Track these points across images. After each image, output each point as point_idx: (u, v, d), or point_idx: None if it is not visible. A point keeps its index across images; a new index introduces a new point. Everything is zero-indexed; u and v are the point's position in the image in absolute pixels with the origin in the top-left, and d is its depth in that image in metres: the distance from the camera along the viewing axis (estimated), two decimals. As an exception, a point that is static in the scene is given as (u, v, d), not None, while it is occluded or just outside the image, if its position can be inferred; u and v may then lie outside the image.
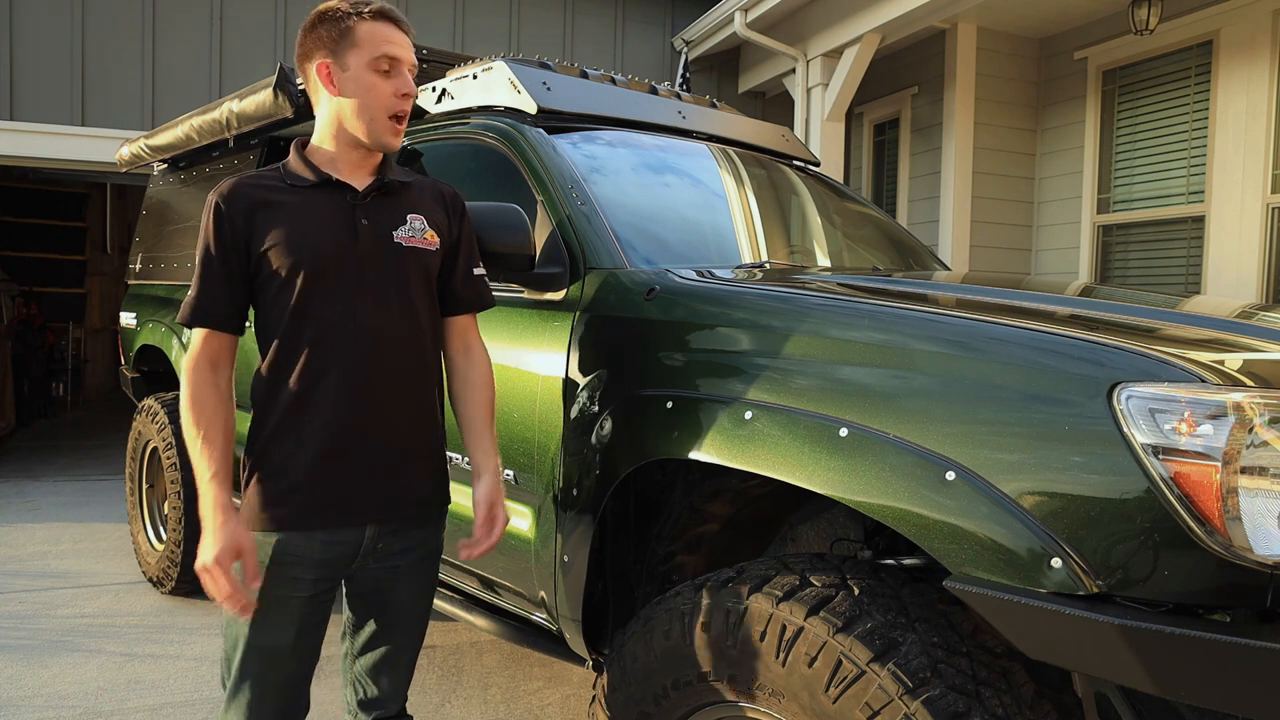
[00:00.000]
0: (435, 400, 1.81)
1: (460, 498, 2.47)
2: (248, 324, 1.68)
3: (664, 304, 1.98)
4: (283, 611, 1.67)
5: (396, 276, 1.71)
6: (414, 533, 1.78)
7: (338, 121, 1.68)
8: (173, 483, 4.00)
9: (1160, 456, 1.24)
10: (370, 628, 1.82)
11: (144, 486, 4.49)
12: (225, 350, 1.65)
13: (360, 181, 1.73)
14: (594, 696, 1.88)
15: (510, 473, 2.26)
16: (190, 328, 1.64)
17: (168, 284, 4.44)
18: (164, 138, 4.45)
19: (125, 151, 4.96)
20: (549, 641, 2.27)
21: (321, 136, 1.71)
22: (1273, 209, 5.41)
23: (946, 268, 3.42)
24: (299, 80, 3.50)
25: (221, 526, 1.55)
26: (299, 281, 1.62)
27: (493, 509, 1.80)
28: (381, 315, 1.68)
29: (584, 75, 3.00)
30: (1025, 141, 7.02)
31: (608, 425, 1.94)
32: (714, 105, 3.43)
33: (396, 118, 1.67)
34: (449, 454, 2.45)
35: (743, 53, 8.21)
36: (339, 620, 1.91)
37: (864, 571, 1.61)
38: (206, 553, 1.54)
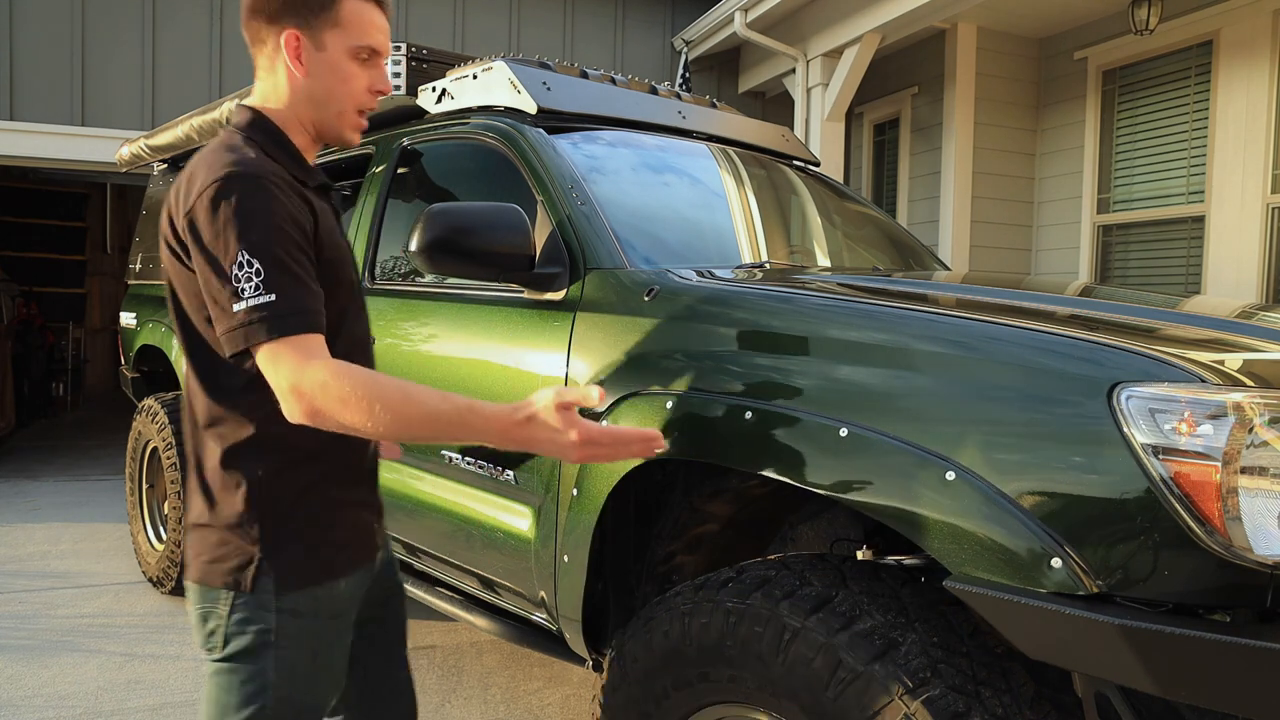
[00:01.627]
0: None
1: (456, 496, 2.48)
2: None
3: (664, 304, 1.98)
4: (345, 657, 1.50)
5: (361, 290, 1.58)
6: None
7: (296, 105, 1.44)
8: (173, 483, 4.00)
9: (1160, 456, 1.24)
10: (367, 667, 1.63)
11: (144, 486, 4.49)
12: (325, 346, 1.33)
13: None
14: (594, 697, 1.88)
15: (510, 473, 2.26)
16: (288, 335, 1.26)
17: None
18: (164, 138, 4.45)
19: (125, 151, 4.96)
20: (549, 641, 2.27)
21: (282, 120, 1.44)
22: (1273, 209, 5.41)
23: (946, 268, 3.42)
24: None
25: (514, 410, 1.30)
26: (334, 301, 1.41)
27: None
28: (368, 334, 1.56)
29: (584, 75, 3.00)
30: (1025, 141, 7.02)
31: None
32: (714, 105, 3.43)
33: (361, 113, 1.47)
34: (448, 454, 2.46)
35: (743, 53, 8.21)
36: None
37: (864, 571, 1.61)
38: (560, 442, 1.30)
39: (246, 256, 1.26)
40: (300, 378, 1.26)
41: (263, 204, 1.29)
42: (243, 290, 1.26)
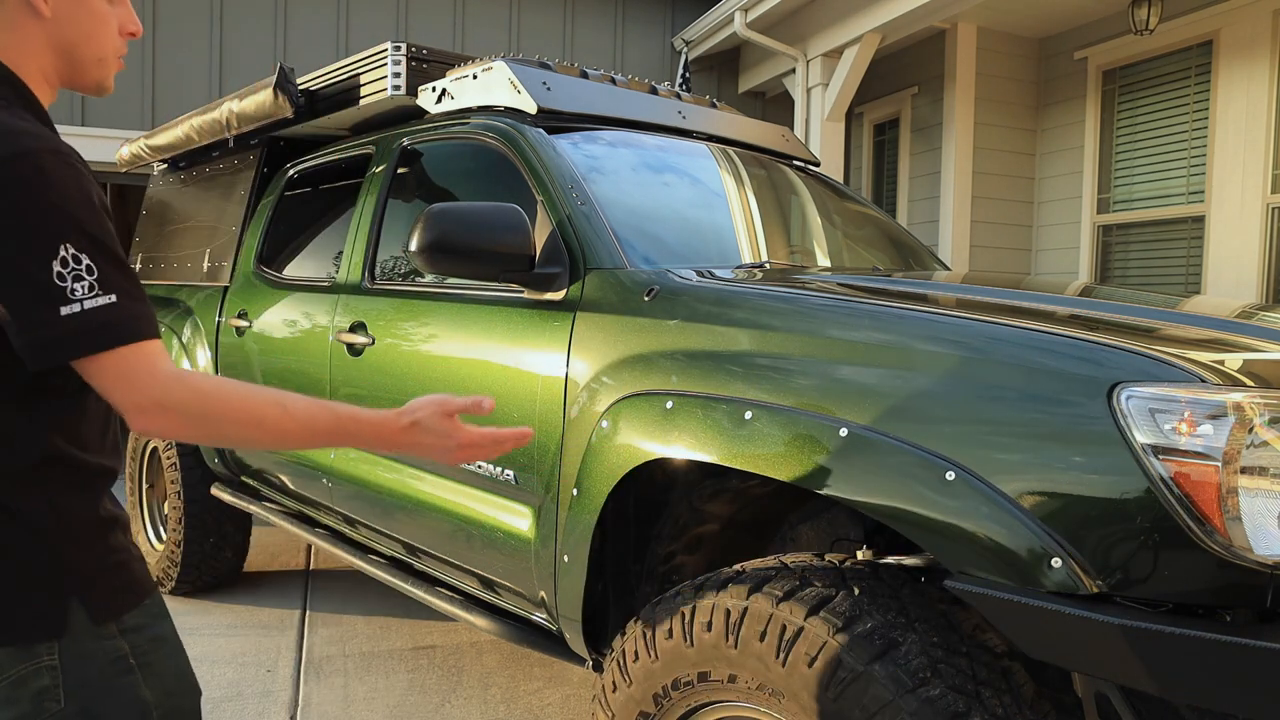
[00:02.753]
0: None
1: (456, 496, 2.48)
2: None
3: (664, 304, 1.98)
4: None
5: None
6: None
7: (36, 54, 1.17)
8: (173, 482, 4.00)
9: (1160, 456, 1.24)
10: None
11: (144, 486, 4.49)
12: None
13: None
14: (594, 697, 1.88)
15: (510, 473, 2.26)
16: (138, 341, 1.09)
17: (168, 284, 4.44)
18: (164, 138, 4.45)
19: (125, 151, 4.97)
20: (549, 641, 2.27)
21: (22, 73, 1.17)
22: (1273, 209, 5.41)
23: (946, 268, 3.42)
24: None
25: (397, 416, 1.25)
26: None
27: None
28: None
29: (584, 75, 3.01)
30: (1025, 141, 7.02)
31: (607, 425, 1.95)
32: (714, 105, 3.43)
33: (118, 59, 1.26)
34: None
35: (743, 53, 8.21)
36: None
37: (864, 571, 1.61)
38: (444, 446, 1.28)
39: (72, 251, 1.04)
40: (159, 391, 1.09)
41: (79, 186, 1.07)
42: (72, 291, 1.04)
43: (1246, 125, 5.47)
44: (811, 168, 3.59)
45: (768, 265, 2.48)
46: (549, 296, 2.22)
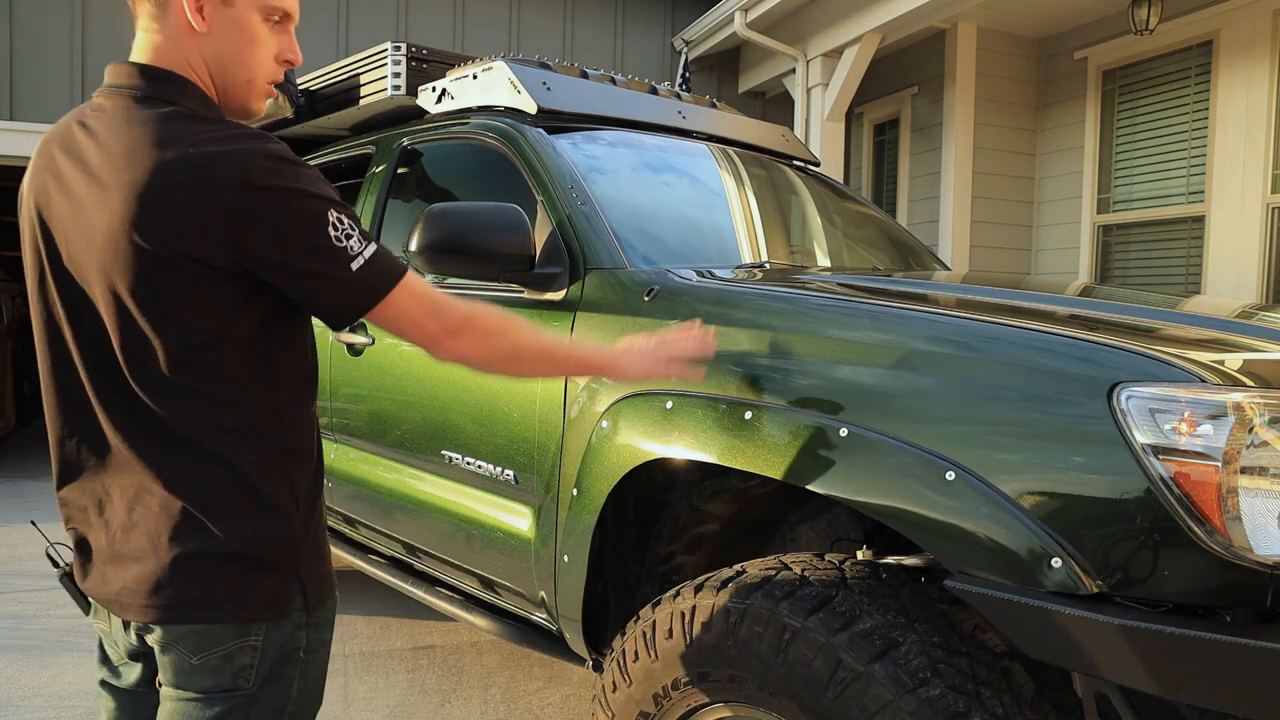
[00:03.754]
0: None
1: (456, 496, 2.48)
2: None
3: (664, 304, 1.98)
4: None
5: None
6: None
7: (198, 67, 1.23)
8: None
9: (1160, 456, 1.24)
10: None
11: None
12: None
13: None
14: (594, 697, 1.88)
15: (510, 473, 2.26)
16: (407, 272, 1.23)
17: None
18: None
19: (125, 151, 4.96)
20: (549, 641, 2.27)
21: (201, 85, 1.24)
22: (1273, 209, 5.41)
23: (946, 268, 3.42)
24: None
25: (628, 349, 1.56)
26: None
27: None
28: None
29: (584, 75, 3.00)
30: (1025, 141, 7.01)
31: (607, 425, 1.95)
32: (714, 105, 3.43)
33: (270, 84, 1.31)
34: (448, 454, 2.45)
35: (743, 53, 8.20)
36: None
37: (864, 571, 1.61)
38: (670, 352, 1.59)
39: (336, 216, 1.17)
40: (464, 308, 1.26)
41: (309, 167, 1.18)
42: (352, 249, 1.18)
43: (1246, 125, 5.47)
44: (811, 168, 3.59)
45: (768, 265, 2.48)
46: (549, 296, 2.22)
